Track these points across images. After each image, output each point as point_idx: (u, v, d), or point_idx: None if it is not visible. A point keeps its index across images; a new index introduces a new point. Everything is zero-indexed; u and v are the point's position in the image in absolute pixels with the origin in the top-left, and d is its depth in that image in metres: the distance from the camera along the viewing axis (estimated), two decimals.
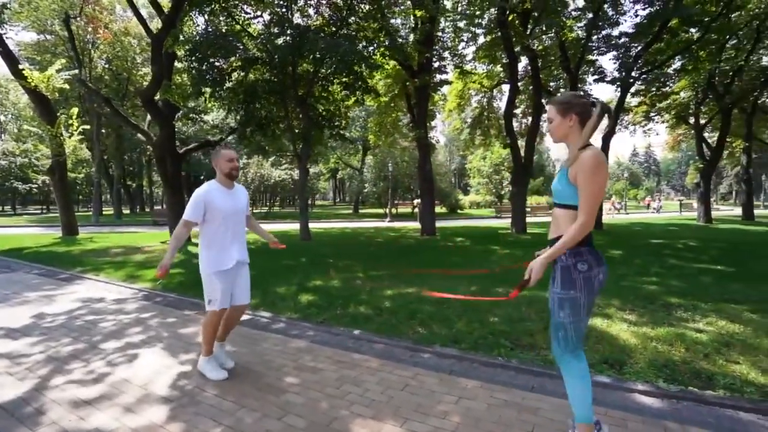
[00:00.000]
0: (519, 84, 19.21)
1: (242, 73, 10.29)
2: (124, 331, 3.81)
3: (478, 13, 12.39)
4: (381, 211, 27.46)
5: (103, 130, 22.81)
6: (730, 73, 16.55)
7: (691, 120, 18.65)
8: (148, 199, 39.17)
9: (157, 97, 9.31)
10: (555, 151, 59.93)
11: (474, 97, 20.53)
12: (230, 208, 2.78)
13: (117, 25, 20.08)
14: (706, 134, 19.29)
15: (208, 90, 9.19)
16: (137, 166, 32.68)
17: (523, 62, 16.16)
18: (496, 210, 29.52)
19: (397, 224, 20.55)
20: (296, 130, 11.04)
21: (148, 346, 3.41)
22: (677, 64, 14.95)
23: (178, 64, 11.79)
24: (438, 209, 26.28)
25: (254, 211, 21.82)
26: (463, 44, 14.57)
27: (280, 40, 9.59)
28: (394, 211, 24.86)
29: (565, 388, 1.98)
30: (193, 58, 8.46)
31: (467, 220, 25.42)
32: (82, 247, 10.13)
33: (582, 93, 1.97)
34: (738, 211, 26.40)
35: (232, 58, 9.86)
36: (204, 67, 8.74)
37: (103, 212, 27.88)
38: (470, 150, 25.88)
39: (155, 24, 13.41)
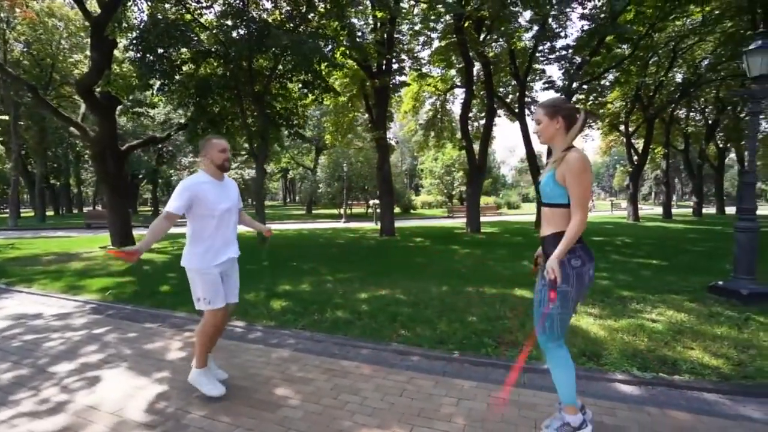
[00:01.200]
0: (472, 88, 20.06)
1: (193, 66, 9.64)
2: (76, 351, 3.39)
3: (433, 17, 12.71)
4: (335, 211, 27.17)
5: (22, 122, 20.18)
6: (653, 87, 18.48)
7: (622, 128, 20.59)
8: (76, 200, 35.36)
9: (97, 89, 8.41)
10: (500, 153, 63.06)
11: (428, 100, 21.04)
12: (221, 201, 2.57)
13: (39, 3, 17.87)
14: (633, 140, 21.33)
15: (156, 83, 8.47)
16: (63, 162, 29.36)
17: (476, 67, 16.83)
18: (448, 210, 30.43)
19: (353, 225, 20.44)
20: (252, 128, 10.56)
21: (110, 366, 3.06)
22: (611, 76, 16.38)
23: (117, 53, 10.77)
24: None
25: None
26: (419, 47, 14.87)
27: (235, 33, 9.12)
28: (348, 211, 24.72)
29: (551, 376, 2.08)
30: (140, 47, 7.75)
31: (421, 220, 25.92)
32: (4, 255, 8.90)
33: (566, 100, 2.10)
34: (657, 210, 29.56)
35: (184, 50, 9.21)
36: (151, 58, 8.03)
37: (21, 214, 24.73)
38: (424, 151, 26.44)
39: (91, 6, 12.11)
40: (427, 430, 2.21)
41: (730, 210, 29.33)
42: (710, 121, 22.70)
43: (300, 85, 11.18)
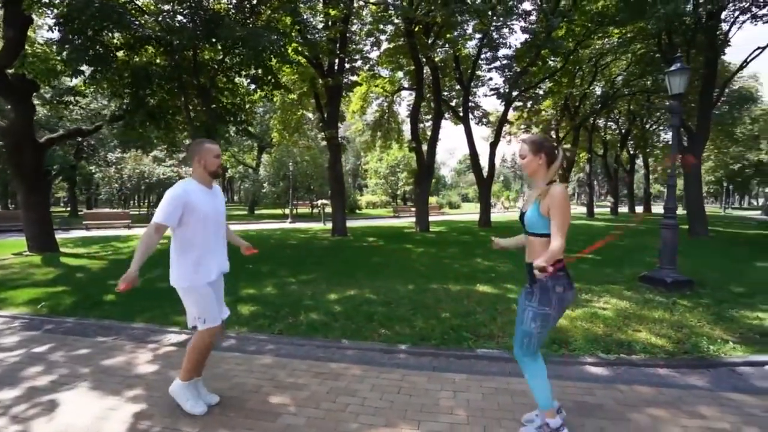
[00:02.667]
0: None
1: (129, 53, 8.76)
2: (17, 373, 2.95)
3: (384, 18, 12.89)
4: (279, 212, 26.29)
5: None
6: (578, 98, 20.46)
7: (553, 134, 22.52)
8: None
9: (9, 71, 7.27)
10: (440, 155, 65.47)
11: (375, 101, 21.23)
12: (213, 210, 2.41)
13: None
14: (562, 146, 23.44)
15: (86, 69, 7.54)
16: None
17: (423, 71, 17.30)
18: (394, 210, 30.90)
19: (300, 225, 19.93)
20: (196, 123, 9.89)
21: (67, 388, 2.70)
22: (546, 86, 17.81)
23: (30, 33, 9.40)
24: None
25: (131, 213, 18.63)
26: (367, 48, 14.97)
27: (179, 20, 8.47)
28: (294, 211, 24.06)
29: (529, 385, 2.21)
30: (67, 27, 6.85)
31: (368, 219, 26.03)
32: None
33: (549, 137, 2.29)
34: (580, 209, 32.66)
35: (117, 35, 8.35)
36: (80, 40, 7.14)
37: None
38: (371, 152, 26.61)
39: None
40: (434, 424, 2.27)
41: (639, 209, 33.35)
42: (623, 131, 25.69)
43: (248, 80, 10.70)
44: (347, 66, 12.57)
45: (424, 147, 15.81)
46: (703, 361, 3.16)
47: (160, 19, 8.06)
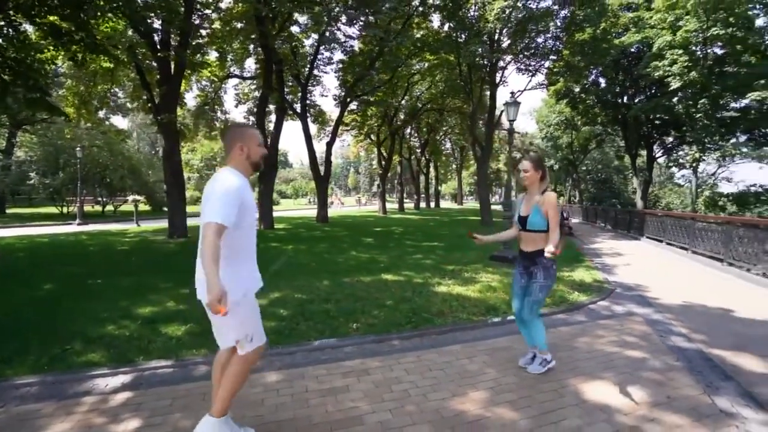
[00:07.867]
0: (249, 83, 19.38)
1: None
2: None
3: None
4: (54, 210, 19.75)
5: None
6: (394, 109, 23.63)
7: (373, 137, 25.19)
8: None
9: None
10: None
11: (195, 85, 18.77)
12: (255, 207, 2.13)
13: None
14: (381, 149, 26.48)
15: None
16: None
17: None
18: None
19: (99, 227, 15.65)
20: None
21: None
22: (374, 96, 19.80)
23: None
24: (143, 206, 21.93)
25: None
26: (205, 24, 13.20)
27: None
28: (73, 209, 18.50)
29: (529, 334, 3.00)
30: None
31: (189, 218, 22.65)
32: None
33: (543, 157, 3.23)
34: (391, 204, 37.56)
35: None
36: None
37: None
38: (194, 141, 23.18)
39: None
40: (484, 383, 2.74)
41: (432, 205, 41.03)
42: (423, 140, 31.13)
43: (49, 34, 7.95)
44: (192, 42, 10.80)
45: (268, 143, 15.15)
46: (572, 306, 4.71)
47: None
